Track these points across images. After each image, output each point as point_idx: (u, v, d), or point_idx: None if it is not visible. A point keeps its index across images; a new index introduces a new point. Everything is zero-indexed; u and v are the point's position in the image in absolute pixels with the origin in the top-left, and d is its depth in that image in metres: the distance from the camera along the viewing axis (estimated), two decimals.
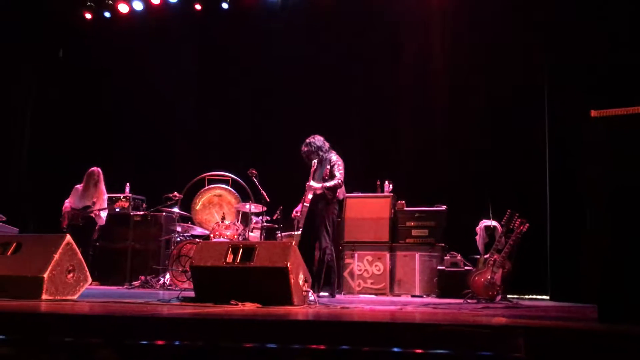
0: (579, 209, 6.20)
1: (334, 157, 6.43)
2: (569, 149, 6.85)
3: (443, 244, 7.43)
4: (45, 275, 4.27)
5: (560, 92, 7.17)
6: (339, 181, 6.29)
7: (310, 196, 6.25)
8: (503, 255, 5.94)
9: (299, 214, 6.34)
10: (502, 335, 2.46)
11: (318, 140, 6.44)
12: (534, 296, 7.46)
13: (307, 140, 6.45)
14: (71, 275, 4.50)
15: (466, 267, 6.89)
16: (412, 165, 8.67)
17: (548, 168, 7.28)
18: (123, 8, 9.90)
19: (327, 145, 6.48)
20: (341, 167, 6.36)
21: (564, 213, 6.83)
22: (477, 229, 7.09)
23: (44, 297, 4.23)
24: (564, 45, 7.16)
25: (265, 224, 7.55)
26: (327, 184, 6.25)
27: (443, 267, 7.12)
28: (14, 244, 4.56)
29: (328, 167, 6.33)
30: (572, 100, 6.80)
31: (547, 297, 7.15)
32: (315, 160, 6.38)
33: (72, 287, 4.50)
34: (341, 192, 6.47)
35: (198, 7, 9.75)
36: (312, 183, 6.26)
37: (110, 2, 9.87)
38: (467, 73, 8.65)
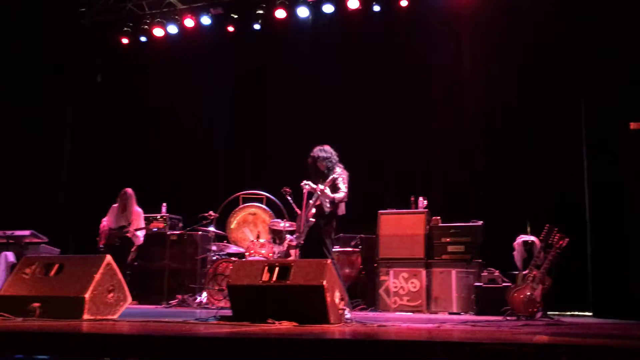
0: (621, 223, 6.07)
1: (338, 169, 6.19)
2: (607, 160, 6.71)
3: (480, 260, 7.31)
4: (87, 296, 4.36)
5: (597, 101, 7.04)
6: (345, 194, 6.05)
7: (313, 210, 6.03)
8: (542, 271, 5.82)
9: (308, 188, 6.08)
10: (545, 354, 2.41)
11: (328, 150, 6.27)
12: (576, 312, 7.28)
13: (317, 148, 6.27)
14: (111, 295, 4.58)
15: (504, 284, 6.76)
16: (447, 181, 8.60)
17: (587, 180, 7.14)
18: (158, 32, 10.14)
19: (335, 157, 6.28)
20: (346, 181, 6.13)
21: (605, 226, 6.67)
22: (515, 244, 6.96)
23: (85, 316, 4.31)
24: (600, 53, 7.04)
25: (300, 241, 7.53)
26: (337, 195, 5.99)
27: (480, 284, 7.01)
28: (57, 265, 4.68)
29: (331, 177, 6.04)
30: (609, 110, 6.68)
31: (589, 314, 6.97)
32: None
33: (113, 306, 4.58)
34: (342, 208, 6.16)
35: (231, 28, 9.93)
36: (325, 189, 5.94)
37: (146, 26, 10.13)
38: (500, 87, 8.61)
